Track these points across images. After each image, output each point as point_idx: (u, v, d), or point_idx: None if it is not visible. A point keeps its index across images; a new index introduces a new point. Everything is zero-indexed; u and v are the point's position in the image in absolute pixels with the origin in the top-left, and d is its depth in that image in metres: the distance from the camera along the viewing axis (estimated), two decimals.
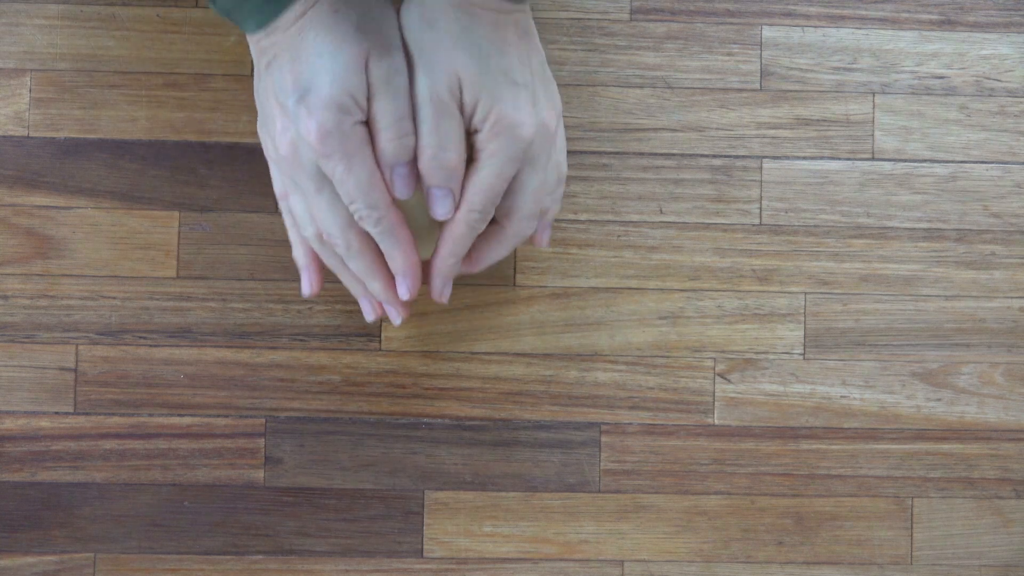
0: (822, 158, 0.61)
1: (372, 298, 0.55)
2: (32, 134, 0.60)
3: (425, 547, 0.59)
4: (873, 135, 0.61)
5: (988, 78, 0.61)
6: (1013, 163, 0.61)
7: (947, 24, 0.61)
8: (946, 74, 0.61)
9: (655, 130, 0.61)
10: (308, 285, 0.56)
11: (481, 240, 0.54)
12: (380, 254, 0.53)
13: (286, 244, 0.60)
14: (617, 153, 0.61)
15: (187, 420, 0.59)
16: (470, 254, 0.55)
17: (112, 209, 0.60)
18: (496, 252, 0.55)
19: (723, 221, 0.61)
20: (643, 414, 0.60)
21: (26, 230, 0.60)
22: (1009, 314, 0.61)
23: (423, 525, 0.60)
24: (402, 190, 0.51)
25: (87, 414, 0.59)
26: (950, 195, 0.61)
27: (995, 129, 0.61)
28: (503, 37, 0.51)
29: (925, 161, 0.61)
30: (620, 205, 0.61)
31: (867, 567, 0.60)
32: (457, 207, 0.52)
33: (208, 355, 0.60)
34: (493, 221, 0.54)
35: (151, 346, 0.59)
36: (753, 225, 0.61)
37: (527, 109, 0.51)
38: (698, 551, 0.60)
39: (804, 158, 0.61)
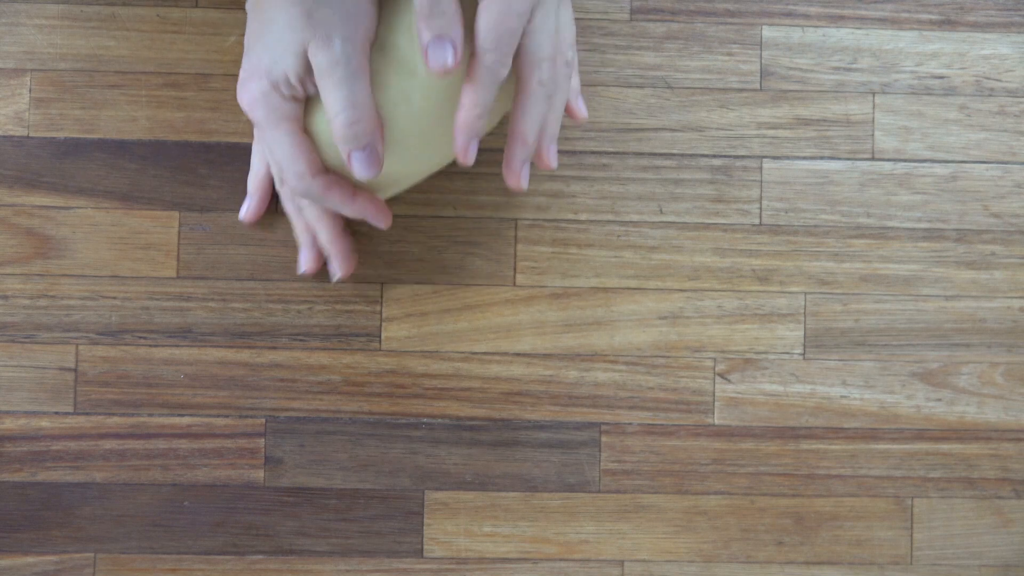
0: (822, 158, 0.61)
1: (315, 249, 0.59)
2: (32, 134, 0.60)
3: (425, 547, 0.59)
4: (873, 135, 0.61)
5: (988, 78, 0.61)
6: (1013, 163, 0.61)
7: (947, 24, 0.61)
8: (946, 74, 0.61)
9: (655, 130, 0.61)
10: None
11: (510, 105, 0.53)
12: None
13: (286, 244, 0.60)
14: (617, 153, 0.61)
15: (187, 420, 0.59)
16: (514, 127, 0.52)
17: (112, 209, 0.60)
18: (533, 111, 0.52)
19: (723, 221, 0.61)
20: (643, 414, 0.60)
21: (26, 230, 0.60)
22: (1009, 314, 0.61)
23: (423, 525, 0.60)
24: (361, 171, 0.52)
25: (87, 414, 0.59)
26: (950, 195, 0.61)
27: (995, 129, 0.61)
28: None
29: (925, 161, 0.61)
30: (620, 205, 0.61)
31: (867, 567, 0.60)
32: (473, 53, 0.50)
33: (208, 355, 0.60)
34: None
35: (151, 346, 0.59)
36: (753, 225, 0.61)
37: None
38: (698, 551, 0.60)
39: (804, 158, 0.61)
